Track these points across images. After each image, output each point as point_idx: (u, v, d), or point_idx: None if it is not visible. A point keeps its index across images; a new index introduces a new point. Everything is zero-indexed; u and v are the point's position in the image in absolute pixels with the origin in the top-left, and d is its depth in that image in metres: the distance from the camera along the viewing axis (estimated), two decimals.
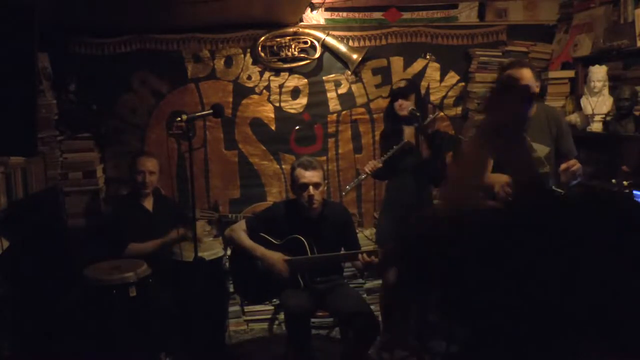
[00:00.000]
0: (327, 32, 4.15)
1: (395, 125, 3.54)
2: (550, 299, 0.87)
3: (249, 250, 3.20)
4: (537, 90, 3.06)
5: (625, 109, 3.35)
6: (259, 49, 4.11)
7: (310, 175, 3.12)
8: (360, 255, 3.01)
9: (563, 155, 3.06)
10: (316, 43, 4.14)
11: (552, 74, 4.08)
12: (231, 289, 3.82)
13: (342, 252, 3.21)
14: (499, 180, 2.81)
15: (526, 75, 2.96)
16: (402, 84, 3.55)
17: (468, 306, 0.92)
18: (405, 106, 3.47)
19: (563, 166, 2.85)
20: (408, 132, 3.51)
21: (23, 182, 3.32)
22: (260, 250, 3.17)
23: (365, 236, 4.13)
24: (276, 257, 3.12)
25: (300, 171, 3.14)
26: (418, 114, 3.31)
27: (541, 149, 3.02)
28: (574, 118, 3.82)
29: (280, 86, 4.21)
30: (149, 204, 3.66)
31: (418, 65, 4.29)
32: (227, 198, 4.28)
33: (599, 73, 3.57)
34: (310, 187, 3.11)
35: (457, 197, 1.30)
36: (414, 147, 3.48)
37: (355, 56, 4.14)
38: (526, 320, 0.88)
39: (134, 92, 4.10)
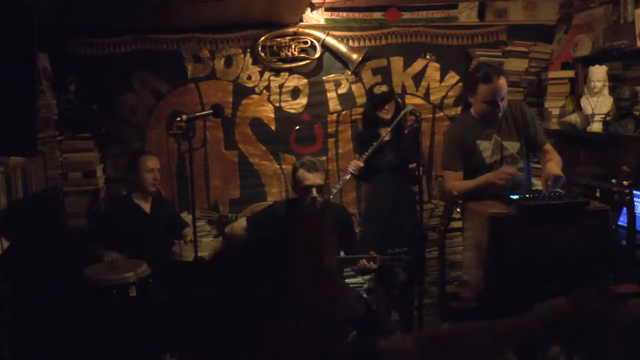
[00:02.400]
0: (327, 32, 4.15)
1: (374, 129, 3.75)
2: None
3: None
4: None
5: (625, 109, 3.35)
6: (259, 49, 4.11)
7: (313, 178, 3.09)
8: (360, 261, 3.01)
9: (535, 146, 3.05)
10: (316, 43, 4.14)
11: (552, 74, 4.08)
12: None
13: (341, 255, 3.20)
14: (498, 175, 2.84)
15: (504, 84, 2.92)
16: (385, 88, 3.76)
17: None
18: (390, 109, 3.69)
19: (544, 184, 2.82)
20: (385, 134, 3.69)
21: (23, 182, 3.31)
22: None
23: None
24: None
25: (303, 173, 3.11)
26: (418, 113, 3.33)
27: (512, 146, 3.02)
28: (574, 118, 3.82)
29: (280, 86, 4.21)
30: (147, 205, 3.65)
31: (418, 65, 4.29)
32: (227, 198, 4.28)
33: (599, 73, 3.56)
34: (314, 190, 3.10)
35: None
36: (394, 145, 3.58)
37: (355, 56, 4.14)
38: None
39: (134, 92, 4.10)
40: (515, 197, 2.66)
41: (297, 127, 4.26)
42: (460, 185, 3.02)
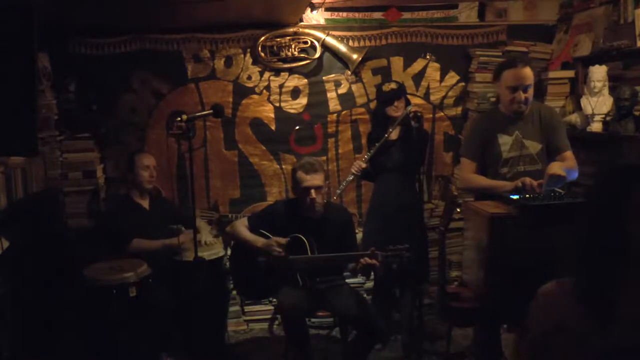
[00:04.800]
0: (327, 32, 4.15)
1: (384, 128, 3.61)
2: None
3: (250, 242, 3.19)
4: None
5: (625, 109, 3.35)
6: (259, 49, 4.11)
7: (311, 179, 3.11)
8: (361, 259, 3.01)
9: (555, 151, 3.05)
10: (316, 43, 4.14)
11: (552, 74, 4.07)
12: (231, 288, 3.83)
13: (341, 253, 3.20)
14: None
15: (529, 74, 2.95)
16: (394, 85, 3.61)
17: None
18: (400, 106, 3.54)
19: (544, 181, 2.81)
20: (394, 133, 3.58)
21: (23, 182, 3.32)
22: (260, 240, 3.17)
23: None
24: (277, 239, 3.12)
25: (301, 174, 3.13)
26: (419, 114, 3.33)
27: (533, 146, 3.02)
28: (574, 118, 3.81)
29: (280, 86, 4.21)
30: (145, 203, 3.67)
31: (418, 65, 4.29)
32: (227, 198, 4.28)
33: (599, 73, 3.56)
34: (312, 191, 3.11)
35: None
36: (401, 144, 3.54)
37: (355, 56, 4.14)
38: None
39: (134, 92, 4.10)
40: (515, 197, 2.66)
41: (297, 127, 4.26)
42: (475, 180, 3.06)
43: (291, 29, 4.13)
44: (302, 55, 4.16)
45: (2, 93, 2.14)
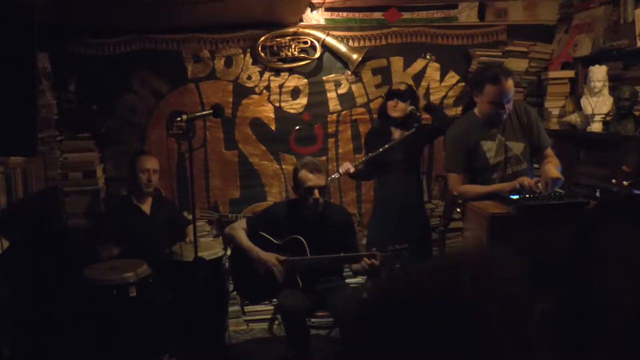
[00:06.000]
0: (327, 32, 4.15)
1: (385, 126, 3.60)
2: None
3: (246, 250, 3.20)
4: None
5: (625, 109, 3.35)
6: (259, 49, 4.11)
7: (316, 179, 3.11)
8: (362, 260, 3.01)
9: (537, 148, 3.05)
10: (316, 43, 4.14)
11: (552, 74, 4.07)
12: (231, 289, 3.83)
13: (341, 254, 3.20)
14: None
15: (511, 85, 2.90)
16: (402, 86, 3.60)
17: None
18: (400, 108, 3.52)
19: (543, 186, 2.80)
20: (396, 134, 3.56)
21: (23, 182, 3.32)
22: (256, 251, 3.16)
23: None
24: (272, 260, 3.11)
25: (305, 174, 3.12)
26: (418, 114, 3.32)
27: (516, 146, 3.01)
28: (574, 118, 3.81)
29: (280, 86, 4.21)
30: (147, 206, 3.65)
31: (418, 65, 4.28)
32: (227, 198, 4.28)
33: (599, 73, 3.56)
34: (316, 191, 3.11)
35: None
36: (405, 144, 3.53)
37: (355, 56, 4.14)
38: None
39: (134, 92, 4.10)
40: (515, 197, 2.66)
41: (297, 127, 4.26)
42: (469, 190, 3.00)
43: (291, 29, 4.13)
44: (302, 55, 4.16)
45: (2, 93, 2.14)
